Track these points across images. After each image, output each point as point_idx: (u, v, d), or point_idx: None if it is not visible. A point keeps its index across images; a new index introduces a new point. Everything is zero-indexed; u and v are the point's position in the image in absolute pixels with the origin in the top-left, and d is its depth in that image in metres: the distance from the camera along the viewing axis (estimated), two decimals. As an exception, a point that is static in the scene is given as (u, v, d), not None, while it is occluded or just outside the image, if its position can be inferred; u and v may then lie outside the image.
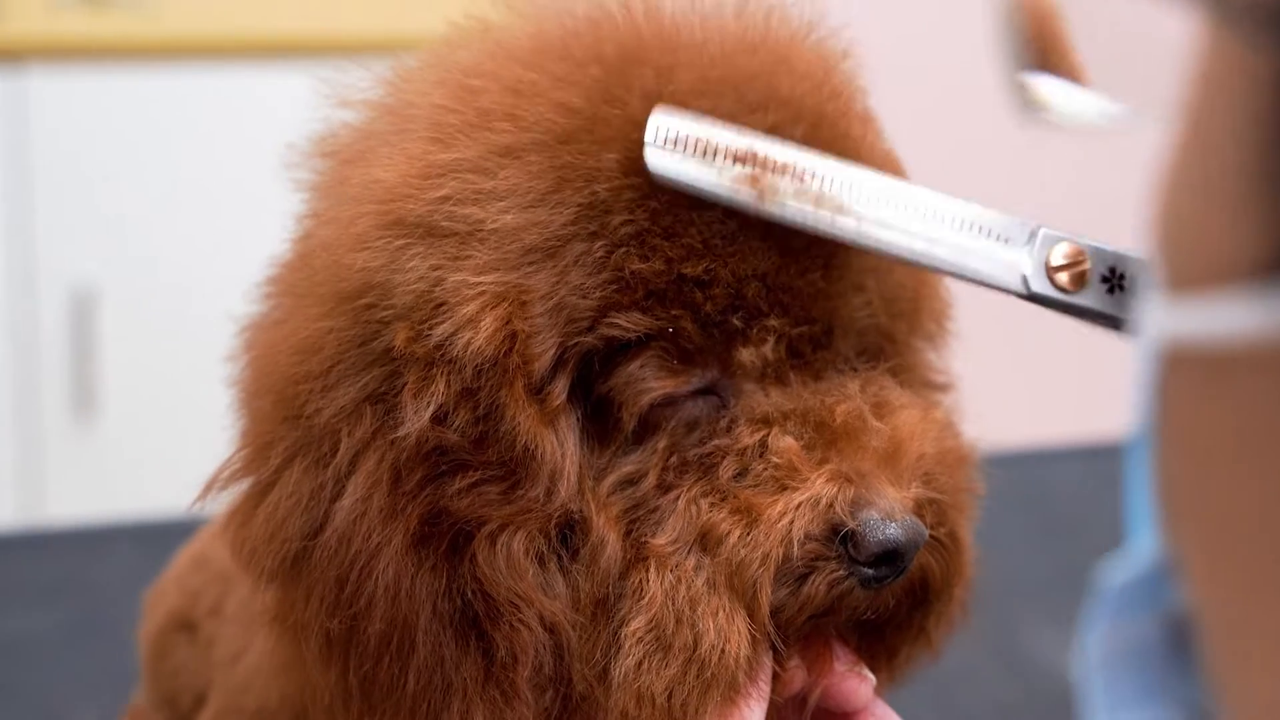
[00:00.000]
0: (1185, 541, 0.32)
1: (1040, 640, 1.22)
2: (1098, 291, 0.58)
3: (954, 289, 0.69)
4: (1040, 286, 0.59)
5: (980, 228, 0.59)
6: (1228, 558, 0.30)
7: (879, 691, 0.64)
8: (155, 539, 1.27)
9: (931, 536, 0.61)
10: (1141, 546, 0.34)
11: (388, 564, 0.58)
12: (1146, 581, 0.34)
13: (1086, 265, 0.58)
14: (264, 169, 2.26)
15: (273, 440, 0.61)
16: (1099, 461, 1.37)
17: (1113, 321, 0.59)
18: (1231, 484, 0.29)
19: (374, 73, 0.67)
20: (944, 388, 0.71)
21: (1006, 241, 0.59)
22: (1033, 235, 0.59)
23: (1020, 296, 0.60)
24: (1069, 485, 1.34)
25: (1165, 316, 0.31)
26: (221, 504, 0.91)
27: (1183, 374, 0.31)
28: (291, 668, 0.65)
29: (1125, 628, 0.34)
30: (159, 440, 2.11)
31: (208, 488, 0.65)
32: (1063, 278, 0.58)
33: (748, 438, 0.60)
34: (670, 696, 0.58)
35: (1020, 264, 0.59)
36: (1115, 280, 0.58)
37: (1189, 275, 0.30)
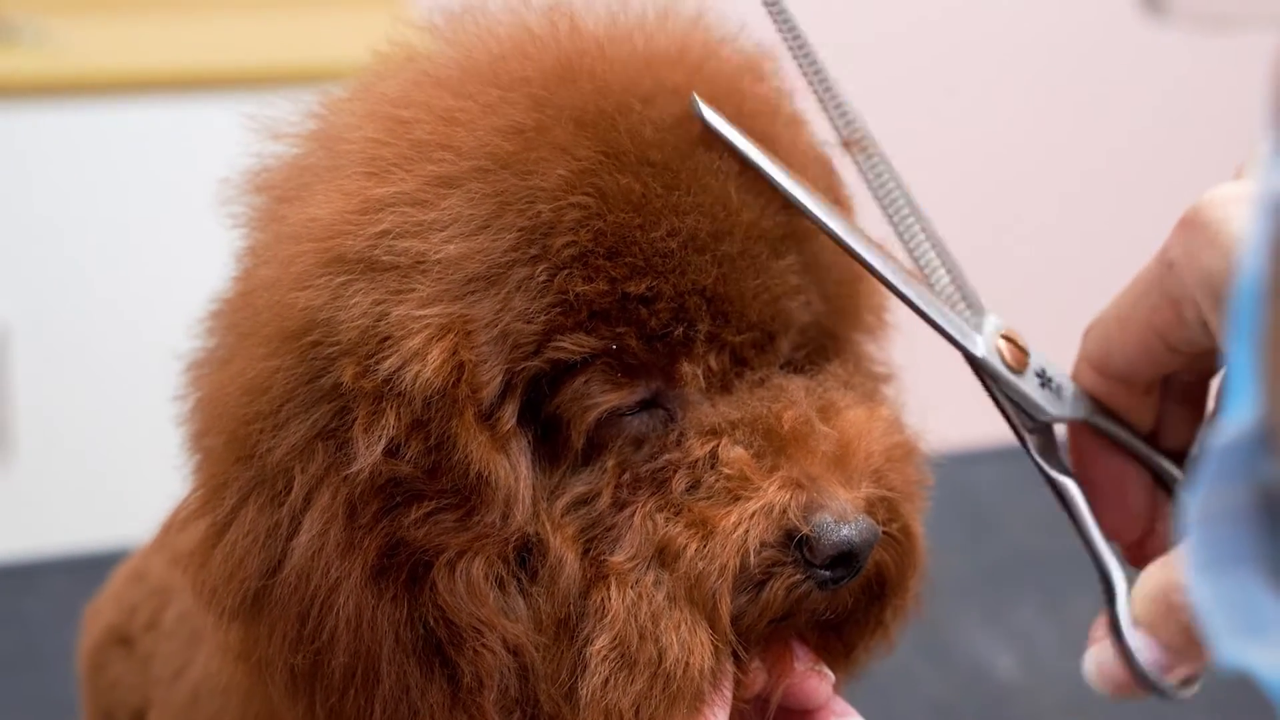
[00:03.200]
0: None
1: (971, 638, 1.24)
2: (1031, 382, 0.64)
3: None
4: (987, 353, 0.64)
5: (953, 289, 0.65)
6: None
7: (837, 688, 0.65)
8: (86, 571, 1.26)
9: (884, 532, 0.62)
10: (1239, 414, 0.34)
11: (348, 597, 0.59)
12: (1242, 449, 0.34)
13: (1028, 353, 0.64)
14: (174, 202, 2.25)
15: (226, 481, 0.61)
16: (1018, 462, 1.40)
17: (1035, 411, 0.64)
18: None
19: (302, 104, 0.67)
20: (885, 379, 0.72)
21: (969, 307, 0.65)
22: (984, 315, 0.65)
23: (969, 357, 0.64)
24: (990, 486, 1.37)
25: None
26: (157, 522, 0.91)
27: None
28: (248, 690, 0.65)
29: (1222, 491, 0.35)
30: (76, 477, 2.08)
31: (165, 531, 0.65)
32: (1008, 354, 0.64)
33: (698, 450, 0.61)
34: (638, 711, 0.58)
35: (976, 344, 0.64)
36: (1044, 379, 0.64)
37: None
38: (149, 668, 0.82)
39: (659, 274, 0.61)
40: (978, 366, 0.64)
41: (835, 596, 0.62)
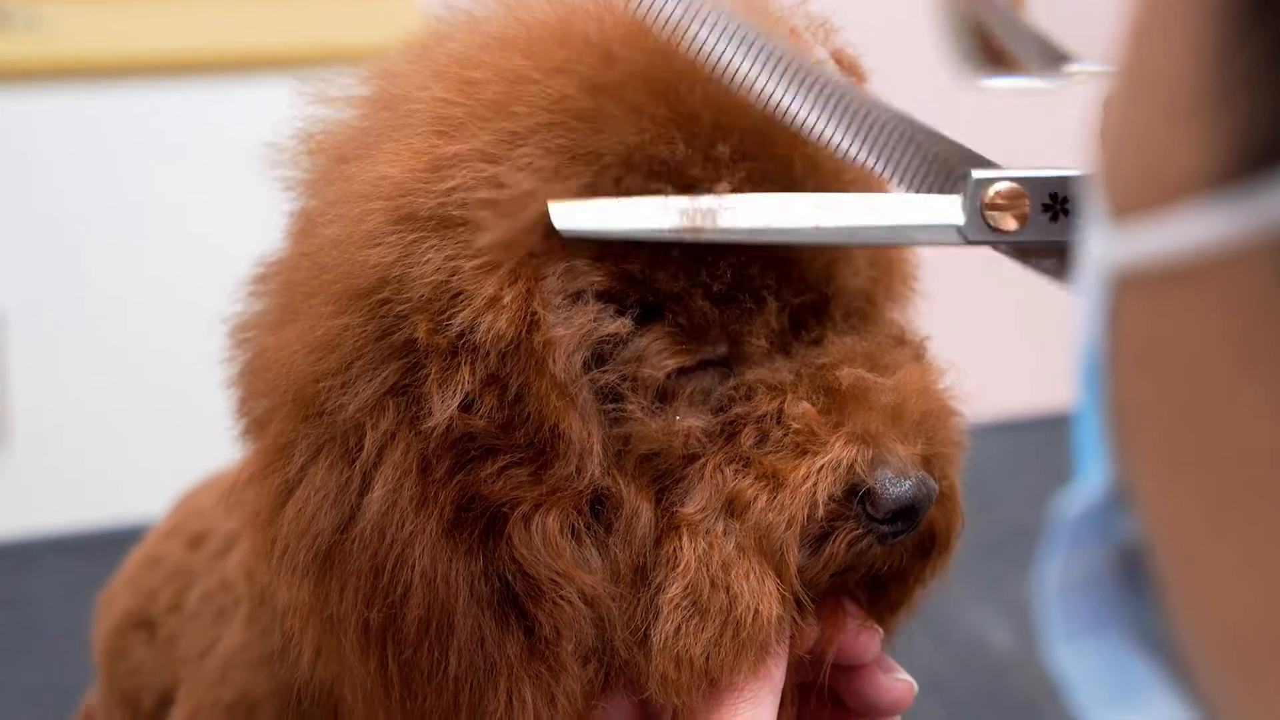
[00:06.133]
0: (1142, 464, 0.33)
1: (968, 612, 1.25)
2: (1040, 223, 0.59)
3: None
4: (978, 234, 0.60)
5: (912, 180, 0.61)
6: (1188, 471, 0.31)
7: (882, 645, 0.67)
8: (84, 551, 1.27)
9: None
10: (1091, 480, 0.35)
11: (423, 551, 0.59)
12: (1097, 513, 0.35)
13: (1025, 203, 0.59)
14: (170, 187, 2.25)
15: (294, 439, 0.62)
16: (1016, 436, 1.41)
17: (1060, 247, 0.59)
18: (1196, 393, 0.31)
19: (356, 72, 0.68)
20: (917, 346, 0.72)
21: (941, 190, 0.60)
22: (964, 179, 0.60)
23: (964, 245, 0.61)
24: (988, 460, 1.38)
25: (1115, 243, 0.32)
26: (153, 501, 0.91)
27: (1140, 296, 0.32)
28: (317, 650, 0.65)
29: (1079, 559, 0.35)
30: (73, 459, 2.09)
31: (229, 493, 0.66)
32: (999, 218, 0.59)
33: (765, 405, 0.62)
34: (708, 658, 0.60)
35: (953, 215, 0.60)
36: (1058, 206, 0.59)
37: (1139, 198, 0.31)
38: (174, 649, 0.82)
39: (727, 244, 0.62)
40: (980, 244, 0.60)
41: (892, 551, 0.64)
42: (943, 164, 0.61)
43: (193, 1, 2.19)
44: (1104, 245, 0.33)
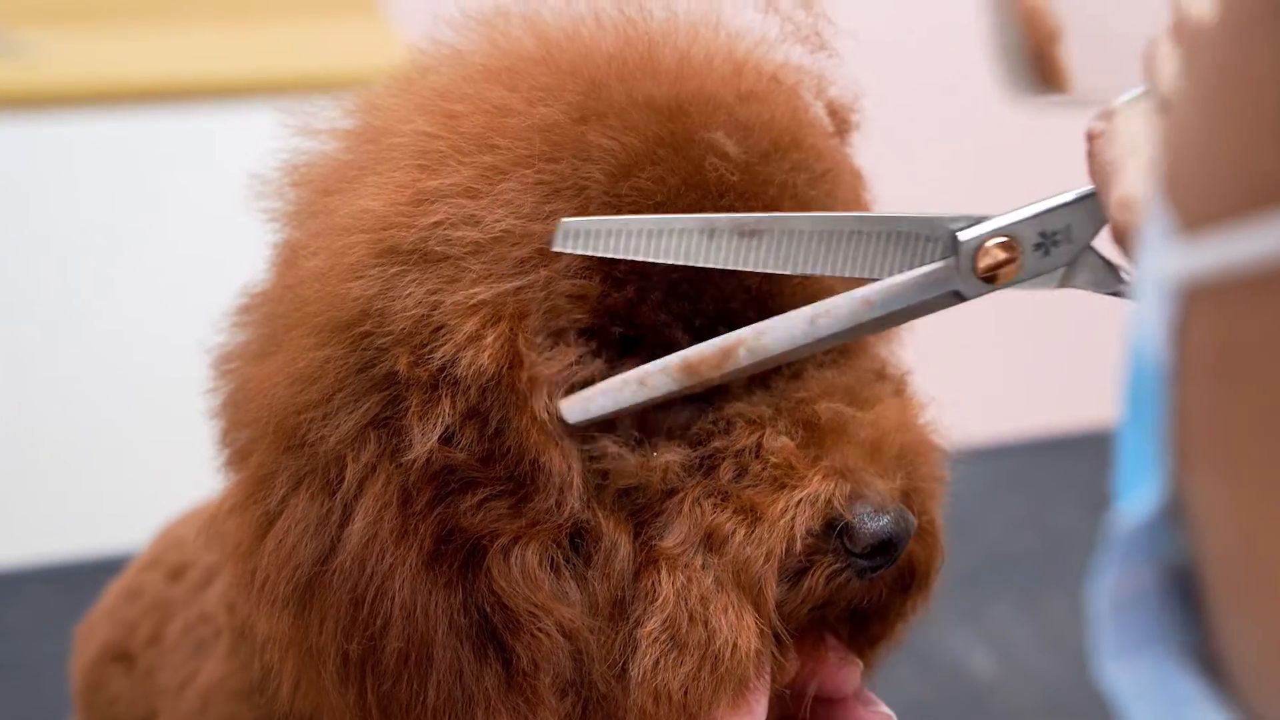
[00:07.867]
0: (1204, 476, 0.33)
1: (948, 637, 1.25)
2: (1033, 262, 0.60)
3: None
4: (976, 290, 0.61)
5: (901, 257, 0.61)
6: (1259, 480, 0.31)
7: (862, 678, 0.67)
8: (65, 580, 1.27)
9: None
10: (1142, 495, 0.35)
11: (402, 583, 0.59)
12: (1146, 531, 0.35)
13: (1017, 255, 0.60)
14: (150, 213, 2.23)
15: (275, 470, 0.62)
16: (994, 463, 1.42)
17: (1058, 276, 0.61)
18: (1275, 399, 0.30)
19: (341, 103, 0.68)
20: (898, 380, 0.73)
21: (932, 258, 0.61)
22: (954, 243, 0.60)
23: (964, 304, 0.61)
24: (967, 486, 1.38)
25: (1186, 254, 0.32)
26: (135, 531, 0.91)
27: (1216, 305, 0.32)
28: (296, 681, 0.65)
29: (1128, 576, 0.35)
30: (54, 487, 2.08)
31: (210, 524, 0.65)
32: (997, 274, 0.60)
33: (744, 439, 0.62)
34: (686, 693, 0.59)
35: (950, 282, 0.61)
36: (1049, 241, 0.60)
37: (1218, 207, 0.31)
38: (153, 681, 0.82)
39: (706, 275, 0.62)
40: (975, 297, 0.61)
41: (871, 586, 0.64)
42: (915, 238, 0.61)
43: (177, 28, 2.19)
44: (1171, 257, 0.32)
